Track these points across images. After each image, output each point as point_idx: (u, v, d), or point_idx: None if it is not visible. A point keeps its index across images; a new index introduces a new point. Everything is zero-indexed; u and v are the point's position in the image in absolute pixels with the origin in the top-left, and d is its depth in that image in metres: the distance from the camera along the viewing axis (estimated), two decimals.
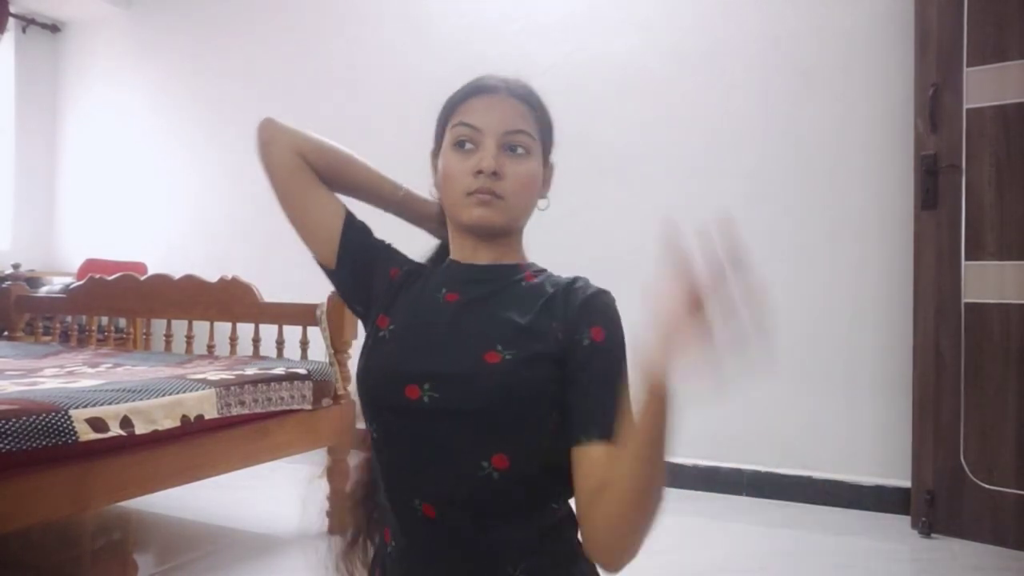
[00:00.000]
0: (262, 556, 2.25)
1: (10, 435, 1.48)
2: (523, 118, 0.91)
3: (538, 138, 0.93)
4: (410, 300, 0.93)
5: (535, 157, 0.92)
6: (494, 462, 0.81)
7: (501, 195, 0.88)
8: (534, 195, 0.93)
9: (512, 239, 0.95)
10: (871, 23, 2.81)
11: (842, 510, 2.74)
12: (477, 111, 0.90)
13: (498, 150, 0.89)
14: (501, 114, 0.90)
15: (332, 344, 2.42)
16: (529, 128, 0.91)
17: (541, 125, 0.93)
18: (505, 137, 0.89)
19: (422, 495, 0.84)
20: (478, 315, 0.88)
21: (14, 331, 3.09)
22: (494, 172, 0.87)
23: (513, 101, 0.91)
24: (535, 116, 0.93)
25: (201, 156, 4.15)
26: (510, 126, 0.89)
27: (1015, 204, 2.37)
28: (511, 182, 0.88)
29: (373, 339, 0.92)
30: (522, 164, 0.90)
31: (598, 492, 0.77)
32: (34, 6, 4.39)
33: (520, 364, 0.82)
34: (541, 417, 0.82)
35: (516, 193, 0.89)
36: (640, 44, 3.11)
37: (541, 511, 0.85)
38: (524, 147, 0.90)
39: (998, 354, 2.39)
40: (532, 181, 0.91)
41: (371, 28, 3.70)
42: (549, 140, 0.96)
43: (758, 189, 2.95)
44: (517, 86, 0.94)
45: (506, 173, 0.88)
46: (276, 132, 1.00)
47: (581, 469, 0.80)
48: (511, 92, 0.92)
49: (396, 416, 0.86)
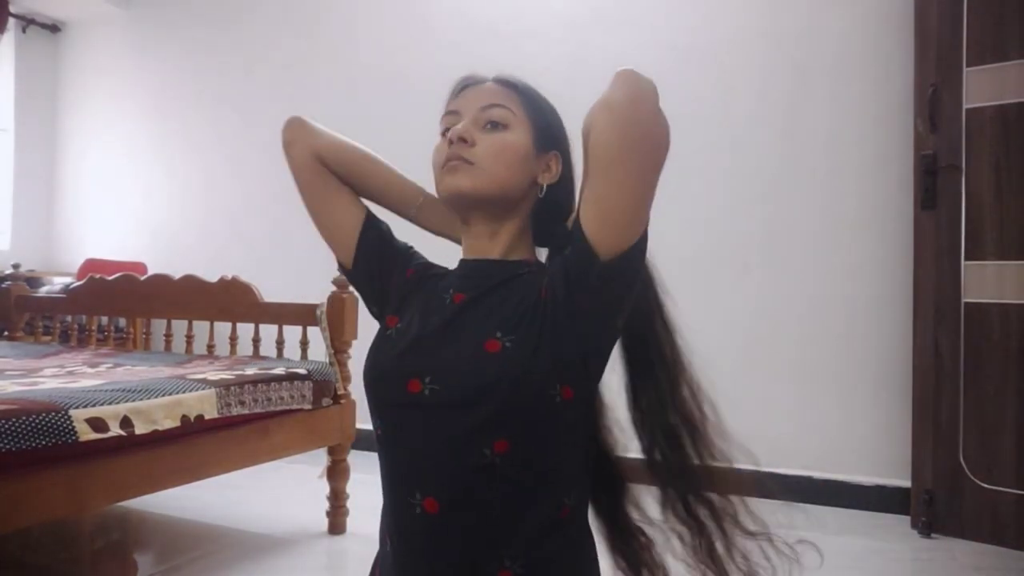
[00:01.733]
0: (262, 556, 2.25)
1: (10, 435, 1.48)
2: (502, 95, 0.91)
3: (524, 116, 0.91)
4: (421, 300, 0.94)
5: (515, 130, 0.90)
6: (495, 447, 0.81)
7: (470, 160, 0.87)
8: (513, 164, 0.89)
9: (515, 231, 0.93)
10: (871, 23, 2.81)
11: (842, 510, 2.74)
12: (462, 99, 0.93)
13: (473, 123, 0.90)
14: (480, 95, 0.91)
15: (332, 344, 2.42)
16: (507, 103, 0.90)
17: (531, 108, 0.92)
18: (481, 113, 0.90)
19: (424, 488, 0.84)
20: (480, 308, 0.88)
21: (14, 331, 3.09)
22: (462, 138, 0.87)
23: (494, 85, 0.92)
24: (521, 98, 0.92)
25: (201, 156, 4.15)
26: (485, 101, 0.90)
27: (1015, 204, 2.37)
28: (481, 147, 0.88)
29: (380, 337, 0.94)
30: (496, 133, 0.89)
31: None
32: (34, 6, 4.40)
33: (519, 349, 0.82)
34: (543, 401, 0.82)
35: (487, 158, 0.88)
36: (640, 44, 3.12)
37: (546, 503, 0.85)
38: (501, 120, 0.89)
39: (998, 354, 2.39)
40: (507, 149, 0.89)
41: (371, 27, 3.70)
42: (548, 128, 0.93)
43: (757, 189, 2.95)
44: (505, 75, 0.94)
45: (477, 139, 0.88)
46: (298, 134, 1.00)
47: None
48: (496, 79, 0.93)
49: (400, 411, 0.87)
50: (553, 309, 0.84)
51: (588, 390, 0.88)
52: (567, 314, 0.83)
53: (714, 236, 2.99)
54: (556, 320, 0.83)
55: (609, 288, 0.82)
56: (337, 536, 2.41)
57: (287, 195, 3.87)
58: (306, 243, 3.45)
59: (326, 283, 2.44)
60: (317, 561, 2.27)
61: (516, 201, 0.91)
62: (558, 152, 0.94)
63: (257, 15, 4.00)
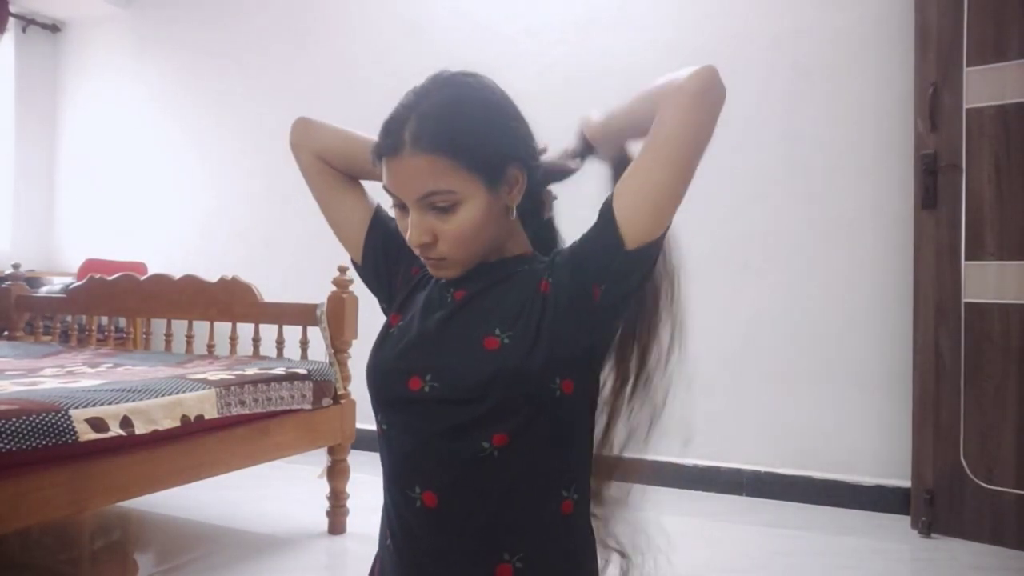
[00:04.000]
0: (262, 556, 2.25)
1: (10, 435, 1.48)
2: (435, 175, 0.83)
3: (467, 175, 0.84)
4: (424, 297, 0.95)
5: (466, 202, 0.85)
6: (494, 440, 0.82)
7: (443, 256, 0.87)
8: (481, 233, 0.87)
9: (503, 240, 0.92)
10: (871, 22, 2.81)
11: (842, 510, 2.74)
12: (390, 177, 0.87)
13: (423, 213, 0.86)
14: (409, 180, 0.85)
15: (332, 344, 2.42)
16: (444, 183, 0.84)
17: (471, 158, 0.84)
18: (422, 202, 0.85)
19: (424, 482, 0.85)
20: (480, 305, 0.89)
21: (14, 331, 3.09)
22: (422, 245, 0.86)
23: (417, 160, 0.83)
24: (456, 158, 0.83)
25: (201, 155, 4.15)
26: (421, 191, 0.85)
27: (1015, 204, 2.37)
28: (444, 245, 0.86)
29: (383, 335, 0.95)
30: (450, 220, 0.85)
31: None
32: (34, 6, 4.39)
33: (518, 345, 0.83)
34: (542, 395, 0.83)
35: (455, 250, 0.86)
36: (639, 44, 3.11)
37: (546, 496, 0.86)
38: (446, 202, 0.85)
39: (998, 354, 2.39)
40: (468, 230, 0.86)
41: (370, 28, 3.70)
42: (493, 158, 0.86)
43: (757, 188, 2.95)
44: (423, 130, 0.84)
45: (438, 235, 0.86)
46: (303, 135, 1.02)
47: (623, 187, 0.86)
48: (415, 145, 0.83)
49: (401, 407, 0.88)
50: (556, 302, 0.85)
51: (589, 383, 0.89)
52: (577, 306, 0.84)
53: (714, 236, 2.98)
54: (559, 313, 0.84)
55: (627, 279, 0.85)
56: (337, 536, 2.41)
57: (287, 195, 3.87)
58: (306, 243, 3.48)
59: (326, 283, 2.44)
60: (317, 561, 2.27)
61: (497, 239, 0.91)
62: (514, 162, 0.89)
63: (257, 15, 4.00)
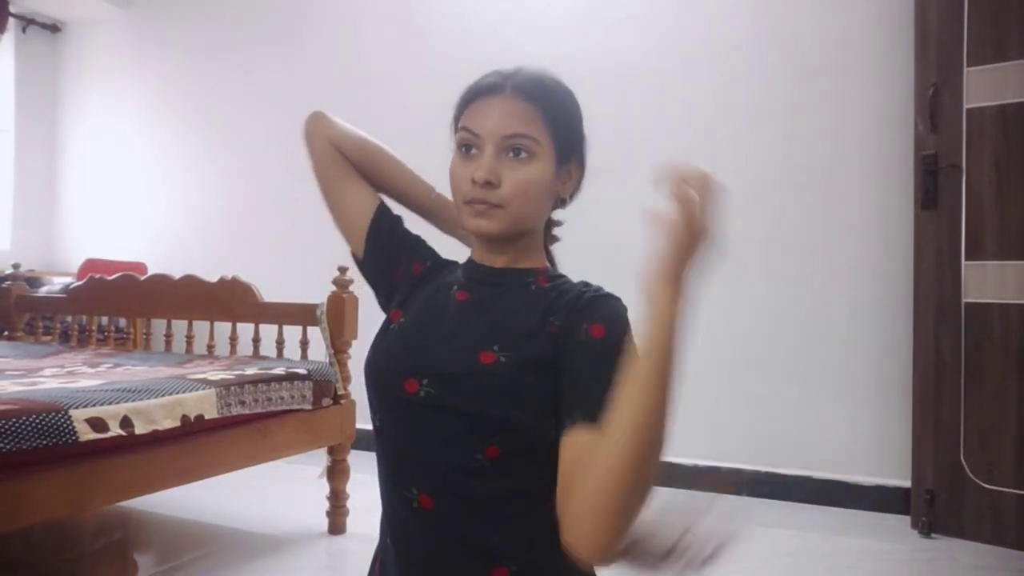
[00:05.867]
0: (262, 556, 2.25)
1: (10, 435, 1.48)
2: (525, 119, 0.86)
3: (548, 138, 0.87)
4: (425, 296, 0.95)
5: (540, 159, 0.87)
6: (487, 453, 0.83)
7: (498, 203, 0.86)
8: (539, 199, 0.88)
9: (528, 242, 0.93)
10: (871, 23, 2.81)
11: (842, 510, 2.74)
12: (478, 115, 0.88)
13: (497, 155, 0.86)
14: (500, 117, 0.86)
15: (332, 344, 2.42)
16: (532, 130, 0.86)
17: (555, 123, 0.88)
18: (504, 141, 0.86)
19: (419, 483, 0.85)
20: (482, 315, 0.88)
21: (14, 331, 3.09)
22: (488, 182, 0.85)
23: (516, 101, 0.86)
24: (544, 114, 0.87)
25: (201, 156, 4.15)
26: (508, 130, 0.86)
27: (1015, 204, 2.37)
28: (508, 189, 0.85)
29: (383, 332, 0.95)
30: (521, 169, 0.86)
31: (577, 470, 0.74)
32: (34, 6, 4.39)
33: (514, 367, 0.82)
34: (537, 416, 0.82)
35: (514, 200, 0.86)
36: (639, 45, 3.11)
37: (539, 508, 0.85)
38: (526, 150, 0.86)
39: (998, 354, 2.39)
40: (532, 186, 0.87)
41: (370, 28, 3.70)
42: (569, 137, 0.90)
43: (758, 189, 2.95)
44: (526, 82, 0.88)
45: (504, 179, 0.85)
46: (320, 125, 1.04)
47: (563, 453, 0.77)
48: (517, 90, 0.87)
49: (397, 407, 0.88)
50: (554, 350, 0.83)
51: None
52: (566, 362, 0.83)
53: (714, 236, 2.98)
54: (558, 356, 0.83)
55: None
56: (337, 536, 2.41)
57: (288, 195, 3.87)
58: (306, 243, 3.48)
59: (326, 283, 2.44)
60: (317, 561, 2.27)
61: (537, 225, 0.93)
62: (577, 156, 0.93)
63: (257, 15, 4.00)
